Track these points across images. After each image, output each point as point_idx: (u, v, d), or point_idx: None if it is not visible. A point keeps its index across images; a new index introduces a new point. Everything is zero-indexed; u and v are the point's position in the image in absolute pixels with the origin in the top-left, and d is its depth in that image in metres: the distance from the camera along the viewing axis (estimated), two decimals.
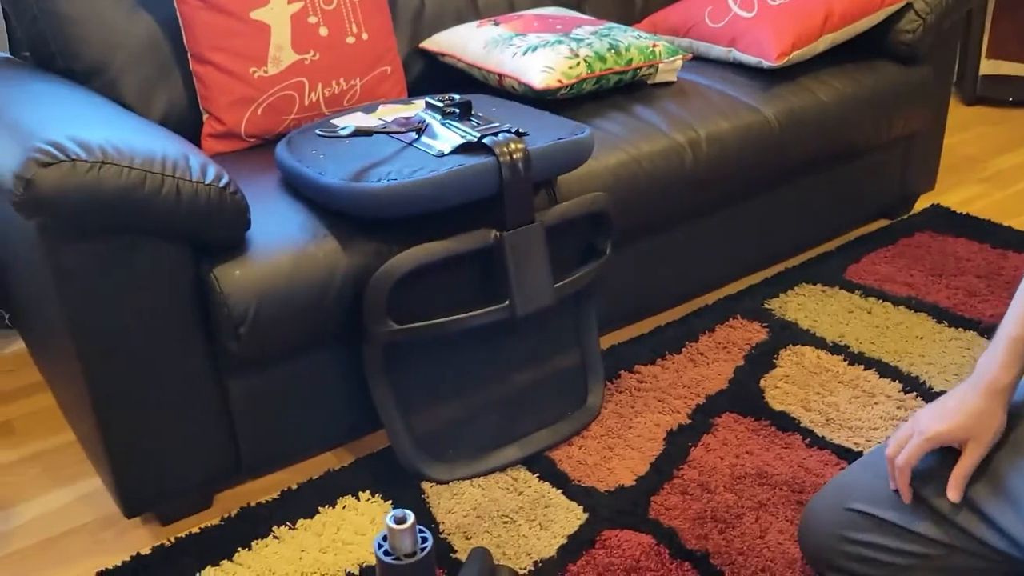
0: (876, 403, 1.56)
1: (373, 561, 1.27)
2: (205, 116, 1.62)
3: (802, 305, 1.89)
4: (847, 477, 1.15)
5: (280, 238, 1.30)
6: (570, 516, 1.34)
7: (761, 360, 1.70)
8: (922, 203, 2.37)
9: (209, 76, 1.59)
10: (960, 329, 1.77)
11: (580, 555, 1.26)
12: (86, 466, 1.54)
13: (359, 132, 1.34)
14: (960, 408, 1.03)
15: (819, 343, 1.75)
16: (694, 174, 1.70)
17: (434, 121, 1.37)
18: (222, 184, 1.21)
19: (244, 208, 1.24)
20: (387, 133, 1.36)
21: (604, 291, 1.70)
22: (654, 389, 1.63)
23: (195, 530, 1.37)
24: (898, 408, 1.54)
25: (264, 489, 1.46)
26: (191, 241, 1.24)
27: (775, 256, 2.06)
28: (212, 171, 1.21)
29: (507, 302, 1.35)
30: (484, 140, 1.29)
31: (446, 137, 1.33)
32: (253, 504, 1.40)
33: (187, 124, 1.64)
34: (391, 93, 1.75)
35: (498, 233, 1.32)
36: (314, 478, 1.46)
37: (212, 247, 1.26)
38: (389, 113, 1.52)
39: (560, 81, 1.67)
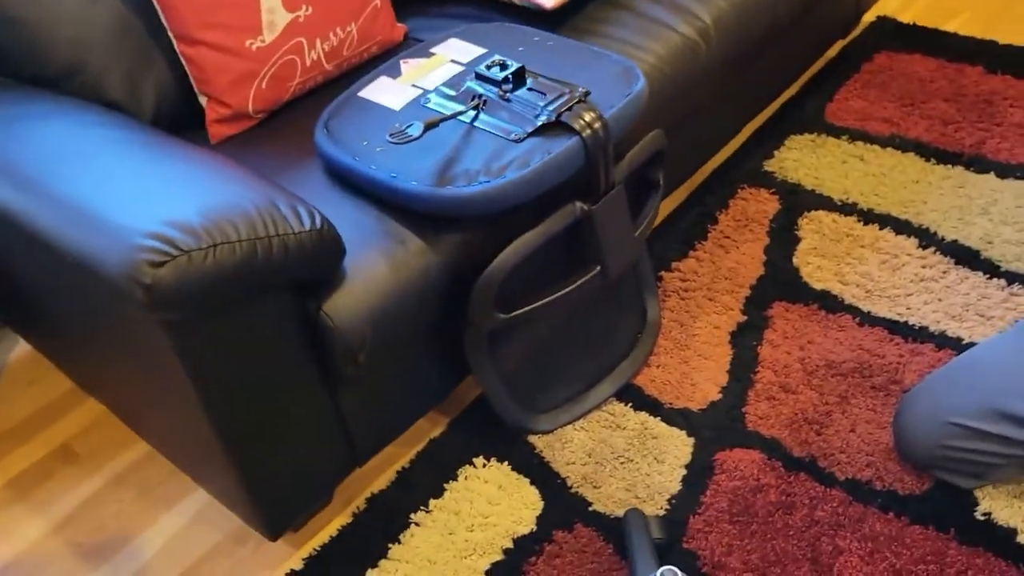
0: (903, 265, 1.70)
1: (522, 531, 1.37)
2: (205, 101, 1.47)
3: (799, 161, 1.97)
4: (944, 390, 1.28)
5: (368, 251, 1.25)
6: (678, 444, 1.46)
7: (784, 235, 1.80)
8: (868, 17, 2.41)
9: (202, 57, 1.42)
10: (948, 165, 1.90)
11: (706, 485, 1.39)
12: (178, 480, 1.53)
13: (428, 126, 1.26)
14: None
15: (830, 205, 1.85)
16: (709, 65, 1.68)
17: (490, 95, 1.30)
18: (320, 225, 1.14)
19: (341, 242, 1.18)
20: (451, 118, 1.28)
21: None
22: (700, 287, 1.71)
23: (334, 533, 1.42)
24: (923, 267, 1.69)
25: (376, 471, 1.50)
26: (295, 285, 1.19)
27: (757, 108, 2.10)
28: (306, 214, 1.14)
29: (599, 267, 1.37)
30: (564, 120, 1.24)
31: (515, 115, 1.27)
32: (376, 492, 1.46)
33: (182, 112, 1.49)
34: (386, 29, 1.61)
35: (586, 206, 1.31)
36: (421, 449, 1.51)
37: (313, 284, 1.21)
38: (418, 74, 1.42)
39: None
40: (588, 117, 1.26)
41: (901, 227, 1.78)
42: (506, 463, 1.47)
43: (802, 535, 1.31)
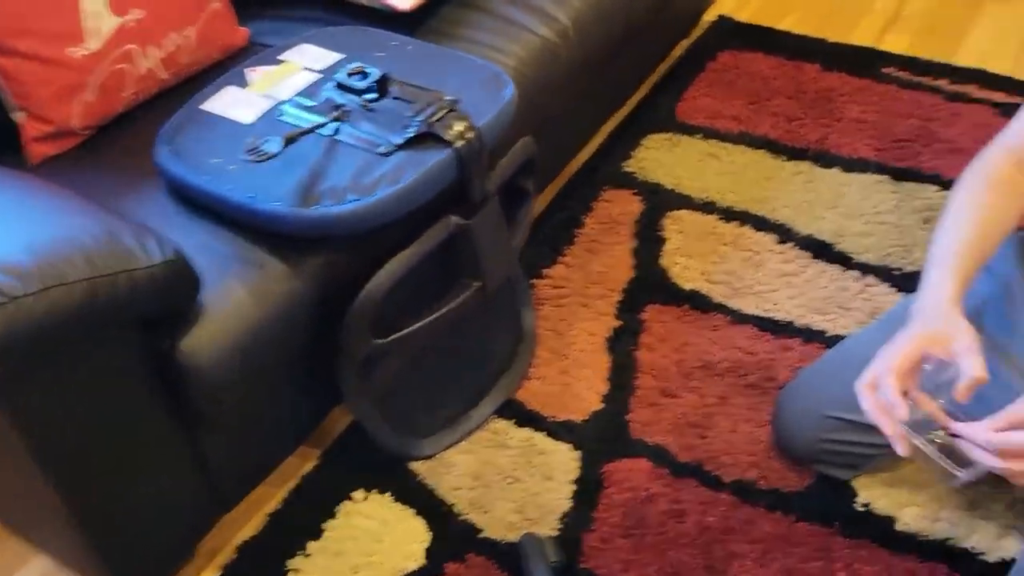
0: (765, 261, 1.73)
1: (411, 567, 1.28)
2: (22, 116, 1.29)
3: (657, 160, 1.98)
4: (818, 385, 1.30)
5: (225, 279, 1.13)
6: (565, 458, 1.42)
7: (650, 236, 1.79)
8: (707, 17, 2.46)
9: (17, 68, 1.25)
10: (796, 161, 1.96)
11: (597, 500, 1.36)
12: (12, 546, 1.35)
13: (288, 141, 1.15)
14: (910, 331, 1.02)
15: (690, 203, 1.86)
16: (569, 66, 1.65)
17: (353, 105, 1.21)
18: (170, 257, 1.02)
19: (195, 273, 1.06)
20: (311, 131, 1.18)
21: None
22: (572, 293, 1.68)
23: None
24: (784, 263, 1.72)
25: (244, 516, 1.38)
26: (144, 322, 1.06)
27: (612, 108, 2.10)
28: (154, 245, 1.01)
29: (479, 283, 1.30)
30: (434, 131, 1.17)
31: (380, 126, 1.19)
32: (247, 540, 1.33)
33: None
34: (227, 33, 1.48)
35: (462, 220, 1.24)
36: (293, 488, 1.40)
37: (165, 320, 1.08)
38: (268, 83, 1.31)
39: None
40: (460, 127, 1.20)
41: (759, 223, 1.82)
42: (388, 494, 1.38)
43: (695, 543, 1.30)
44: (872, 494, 1.34)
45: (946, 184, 1.86)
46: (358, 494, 1.38)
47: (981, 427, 0.94)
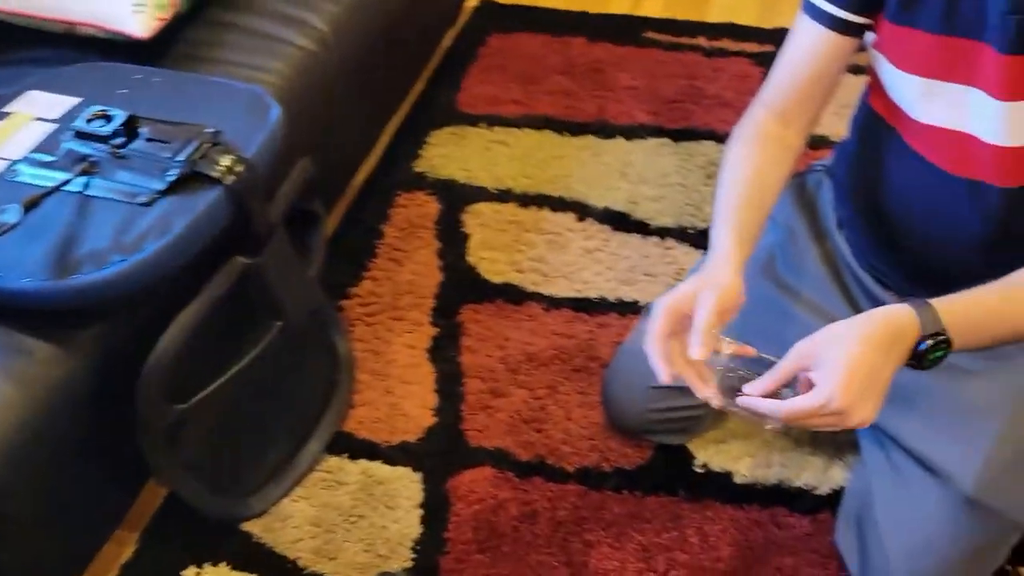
0: (569, 242, 1.73)
1: None
2: None
3: (446, 156, 1.93)
4: (638, 358, 1.30)
5: None
6: (406, 483, 1.36)
7: (452, 235, 1.75)
8: (470, 3, 2.44)
9: None
10: (580, 136, 1.97)
11: (446, 519, 1.31)
12: None
13: (28, 207, 1.00)
14: (692, 279, 1.01)
15: (486, 195, 1.84)
16: (336, 73, 1.55)
17: (100, 155, 1.08)
18: None
19: None
20: (55, 191, 1.04)
21: None
22: (383, 308, 1.61)
23: None
24: (586, 240, 1.73)
25: None
26: None
27: (391, 110, 2.03)
28: None
29: (280, 322, 1.21)
30: (199, 169, 1.06)
31: (136, 174, 1.06)
32: None
33: None
34: None
35: (248, 259, 1.14)
36: None
37: None
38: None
39: (161, 18, 1.38)
40: (227, 161, 1.09)
41: (556, 204, 1.82)
42: (224, 564, 1.27)
43: (552, 541, 1.28)
44: (708, 454, 1.37)
45: (720, 138, 1.94)
46: (189, 572, 1.26)
47: (759, 388, 0.93)
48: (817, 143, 1.84)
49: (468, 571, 1.25)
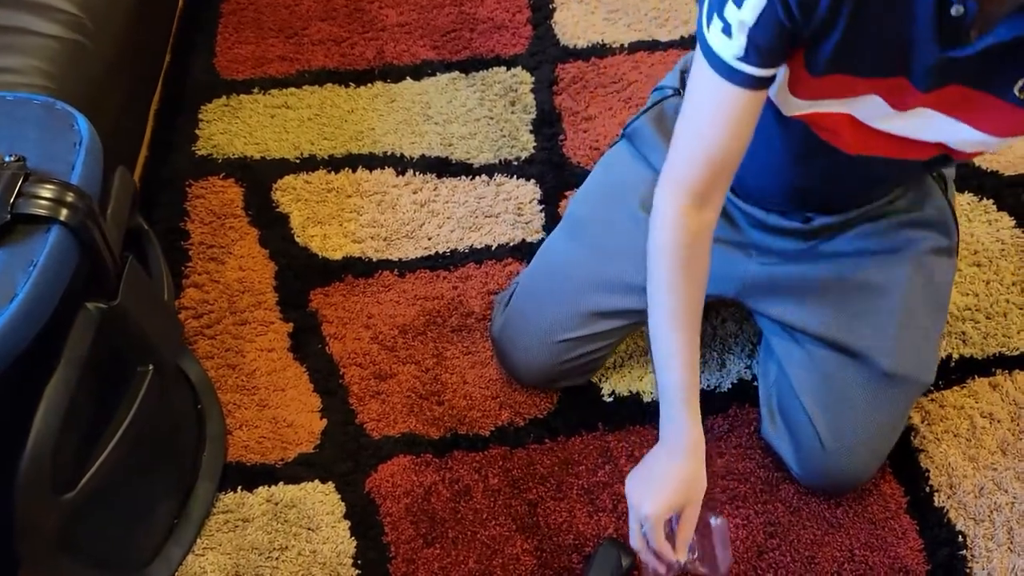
0: (397, 199, 1.62)
1: None
2: None
3: (228, 132, 1.72)
4: (535, 314, 1.27)
5: None
6: (320, 498, 1.23)
7: (268, 218, 1.58)
8: None
9: None
10: (367, 85, 1.84)
11: (379, 523, 1.20)
12: None
13: None
14: (668, 478, 1.05)
15: (290, 167, 1.67)
16: (104, 61, 1.32)
17: None
18: None
19: None
20: None
21: None
22: (222, 317, 1.43)
23: None
24: (415, 193, 1.63)
25: None
26: None
27: (147, 91, 1.77)
28: None
29: (152, 365, 1.01)
30: (25, 210, 0.84)
31: None
32: None
33: None
34: None
35: (108, 303, 0.93)
36: None
37: None
38: None
39: None
40: (50, 193, 0.88)
41: (369, 162, 1.69)
42: None
43: (495, 511, 1.23)
44: (611, 383, 1.36)
45: (508, 63, 1.89)
46: None
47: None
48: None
49: (422, 568, 1.17)
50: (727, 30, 0.87)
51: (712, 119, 0.94)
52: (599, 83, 1.84)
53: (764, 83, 0.92)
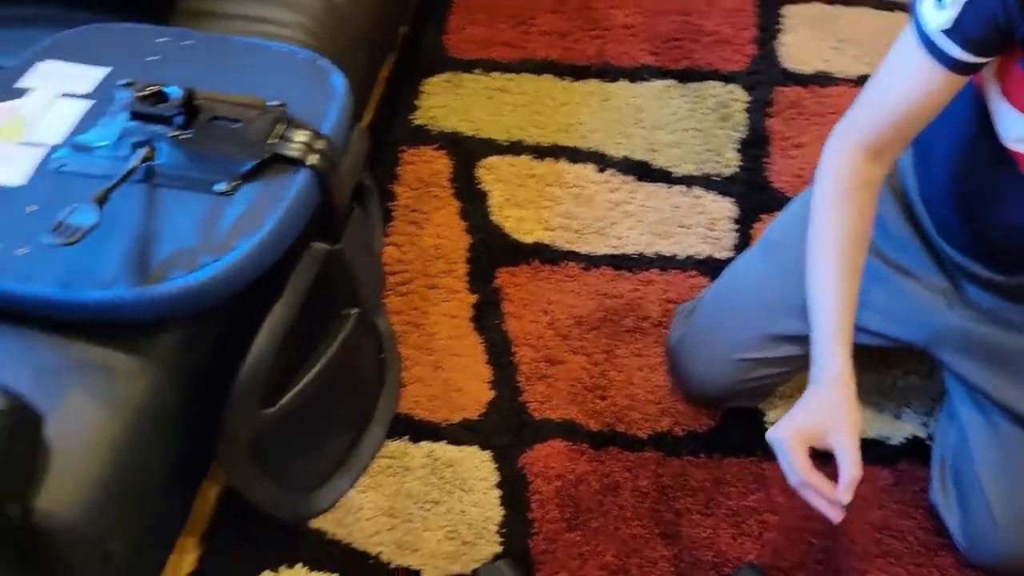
0: (594, 194, 1.66)
1: None
2: None
3: (446, 107, 1.82)
4: (719, 331, 1.29)
5: (69, 400, 0.86)
6: (476, 463, 1.30)
7: (470, 193, 1.66)
8: None
9: None
10: (583, 80, 1.89)
11: (528, 499, 1.26)
12: None
13: (101, 202, 0.87)
14: (803, 405, 1.03)
15: (498, 147, 1.74)
16: (357, 27, 1.44)
17: (161, 138, 0.94)
18: (8, 405, 0.74)
19: (38, 417, 0.79)
20: (125, 179, 0.90)
21: None
22: (415, 277, 1.52)
23: None
24: (612, 192, 1.67)
25: None
26: None
27: (381, 57, 1.89)
28: None
29: (357, 309, 1.11)
30: (281, 151, 0.94)
31: (205, 158, 0.94)
32: None
33: None
34: None
35: (332, 246, 1.03)
36: None
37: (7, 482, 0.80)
38: (21, 125, 0.99)
39: None
40: (303, 138, 0.98)
41: (573, 155, 1.74)
42: (300, 565, 1.19)
43: (640, 512, 1.25)
44: (777, 412, 1.35)
45: (726, 78, 1.89)
46: None
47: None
48: None
49: (561, 551, 1.21)
50: (940, 1, 0.87)
51: (902, 87, 0.95)
52: (816, 111, 1.81)
53: (963, 68, 0.90)
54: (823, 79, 1.87)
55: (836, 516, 0.99)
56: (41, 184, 0.94)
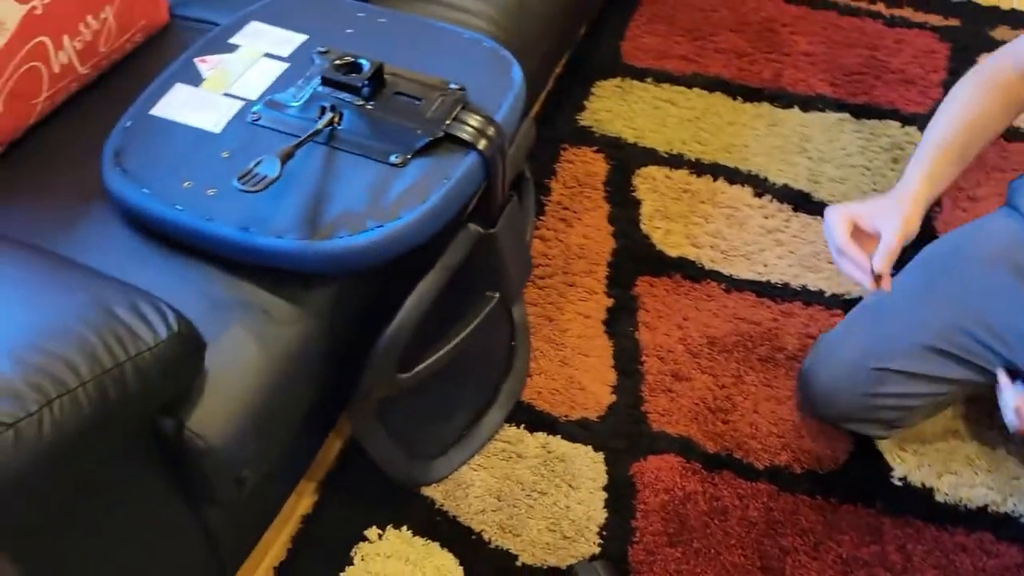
0: (747, 218, 1.65)
1: None
2: None
3: (612, 111, 1.84)
4: (865, 338, 1.26)
5: (227, 332, 0.94)
6: (587, 462, 1.32)
7: (623, 199, 1.68)
8: None
9: None
10: (754, 102, 1.87)
11: (633, 507, 1.27)
12: None
13: (285, 159, 0.95)
14: (873, 201, 1.12)
15: (657, 158, 1.75)
16: (542, 22, 1.47)
17: (347, 105, 1.01)
18: (176, 327, 0.82)
19: (202, 340, 0.87)
20: (309, 139, 0.97)
21: None
22: (555, 272, 1.56)
23: None
24: (766, 218, 1.65)
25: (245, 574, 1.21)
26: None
27: (558, 56, 1.93)
28: (154, 314, 0.81)
29: (498, 294, 1.15)
30: (455, 132, 0.99)
31: (385, 129, 1.00)
32: None
33: None
34: (149, 9, 1.22)
35: (485, 229, 1.08)
36: (295, 534, 1.24)
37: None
38: (226, 77, 1.08)
39: None
40: (476, 123, 1.03)
41: (732, 176, 1.73)
42: (405, 528, 1.25)
43: (745, 542, 1.24)
44: (907, 467, 1.31)
45: (906, 119, 1.83)
46: (372, 532, 1.24)
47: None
48: None
49: (659, 564, 1.22)
50: None
51: None
52: (996, 165, 1.72)
53: None
54: (1010, 134, 1.78)
55: (869, 283, 1.06)
56: (235, 133, 1.02)
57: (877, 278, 1.06)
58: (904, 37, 2.01)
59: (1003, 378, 1.17)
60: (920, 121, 1.81)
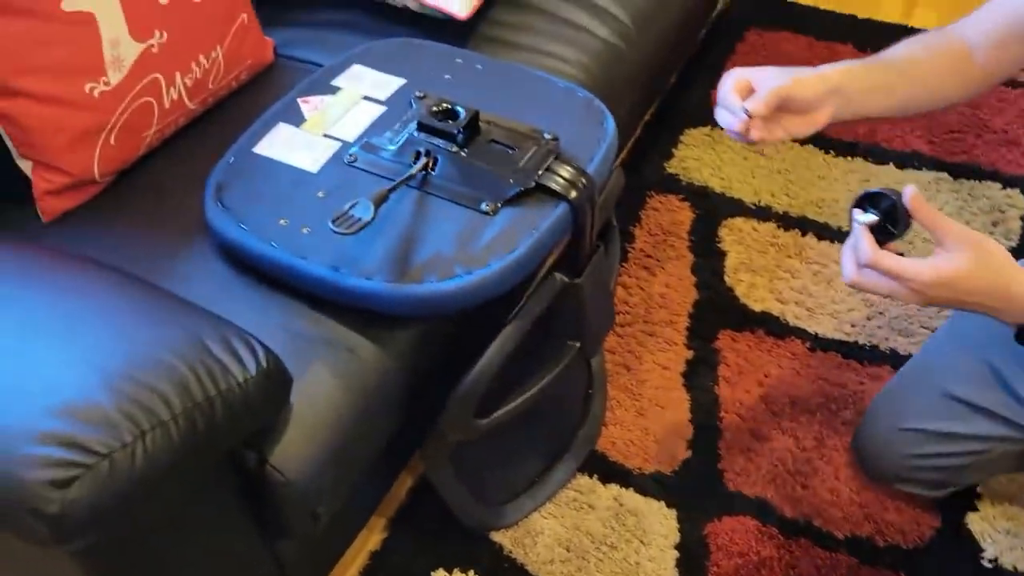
0: (835, 275, 1.61)
1: None
2: (30, 167, 1.07)
3: (700, 160, 1.83)
4: (896, 399, 1.24)
5: (311, 368, 0.95)
6: (659, 518, 1.30)
7: (708, 250, 1.66)
8: None
9: (24, 112, 1.03)
10: (847, 158, 1.84)
11: (705, 569, 1.24)
12: None
13: (378, 202, 0.97)
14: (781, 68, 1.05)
15: (744, 209, 1.73)
16: (632, 70, 1.47)
17: (442, 152, 1.03)
18: (265, 363, 0.84)
19: (289, 376, 0.89)
20: (403, 184, 1.00)
21: None
22: (636, 320, 1.54)
23: None
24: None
25: None
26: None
27: (649, 103, 1.93)
28: (245, 350, 0.83)
29: (579, 343, 1.15)
30: (546, 182, 1.00)
31: (477, 177, 1.01)
32: None
33: None
34: (256, 49, 1.27)
35: (570, 279, 1.08)
36: (363, 569, 1.24)
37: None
38: (326, 119, 1.11)
39: (477, 1, 1.32)
40: (567, 174, 1.03)
41: (822, 231, 1.70)
42: (472, 572, 1.25)
43: None
44: (998, 547, 1.25)
45: (1008, 181, 1.77)
46: (439, 574, 1.24)
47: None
48: None
49: None
50: None
51: None
52: None
53: None
54: None
55: (737, 125, 1.00)
56: (332, 174, 1.05)
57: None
58: (1008, 97, 1.95)
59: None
60: (1022, 184, 1.75)
